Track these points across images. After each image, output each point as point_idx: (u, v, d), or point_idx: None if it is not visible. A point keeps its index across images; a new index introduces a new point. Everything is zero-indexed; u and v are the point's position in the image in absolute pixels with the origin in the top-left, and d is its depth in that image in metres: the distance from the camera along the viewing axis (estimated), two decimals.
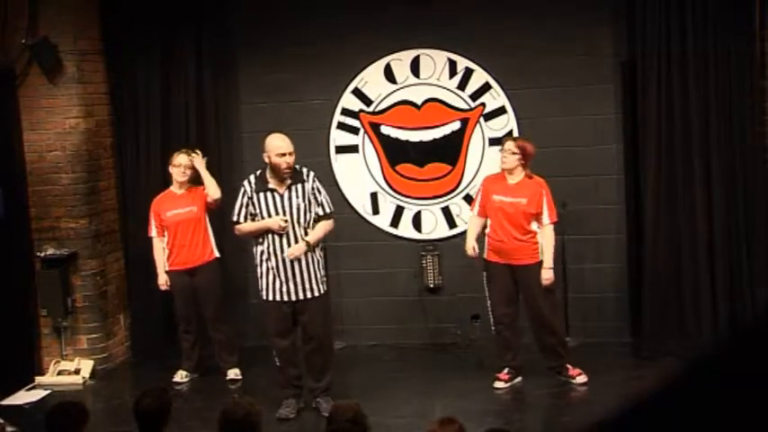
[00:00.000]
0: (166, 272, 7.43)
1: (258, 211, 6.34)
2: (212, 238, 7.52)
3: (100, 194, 7.96)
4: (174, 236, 7.39)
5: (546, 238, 6.74)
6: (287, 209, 6.30)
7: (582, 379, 6.87)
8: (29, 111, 7.68)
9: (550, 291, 6.85)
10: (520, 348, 6.99)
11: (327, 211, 6.42)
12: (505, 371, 6.97)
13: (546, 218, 6.73)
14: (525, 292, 6.83)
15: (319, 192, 6.40)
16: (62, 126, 7.68)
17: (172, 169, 7.48)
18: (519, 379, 6.99)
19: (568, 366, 6.91)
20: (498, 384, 6.95)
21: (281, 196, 6.31)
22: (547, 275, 6.72)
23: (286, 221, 6.28)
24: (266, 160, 6.34)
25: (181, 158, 7.45)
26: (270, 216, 6.31)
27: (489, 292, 6.96)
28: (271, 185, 6.33)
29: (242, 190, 6.43)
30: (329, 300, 6.94)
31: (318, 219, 6.40)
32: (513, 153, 6.75)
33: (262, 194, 6.33)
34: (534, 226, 6.76)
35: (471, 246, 6.90)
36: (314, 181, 6.41)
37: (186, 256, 7.40)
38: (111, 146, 8.16)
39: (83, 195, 7.76)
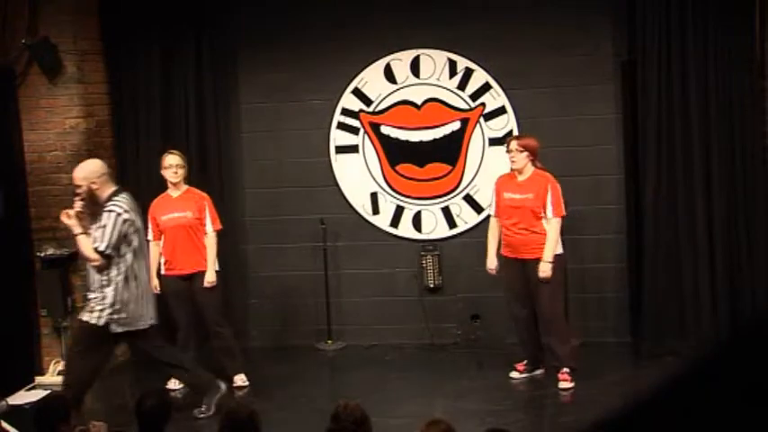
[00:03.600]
0: (162, 276, 7.15)
1: None
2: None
3: None
4: (169, 240, 7.13)
5: (549, 231, 6.75)
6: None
7: (564, 384, 6.83)
8: (29, 111, 7.68)
9: (555, 289, 6.83)
10: (531, 343, 7.03)
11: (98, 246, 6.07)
12: (524, 362, 7.09)
13: (549, 212, 6.76)
14: (532, 288, 6.83)
15: (104, 226, 6.08)
16: (62, 126, 7.68)
17: (164, 172, 7.17)
18: (539, 372, 7.06)
19: (564, 370, 6.86)
20: (513, 374, 7.09)
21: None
22: (543, 269, 6.69)
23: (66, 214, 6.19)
24: None
25: (170, 159, 7.14)
26: None
27: (503, 287, 7.03)
28: None
29: None
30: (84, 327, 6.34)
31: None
32: (521, 152, 6.83)
33: None
34: (545, 222, 6.79)
35: (491, 262, 6.99)
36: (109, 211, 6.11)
37: (181, 262, 7.13)
38: (111, 146, 8.15)
39: None
